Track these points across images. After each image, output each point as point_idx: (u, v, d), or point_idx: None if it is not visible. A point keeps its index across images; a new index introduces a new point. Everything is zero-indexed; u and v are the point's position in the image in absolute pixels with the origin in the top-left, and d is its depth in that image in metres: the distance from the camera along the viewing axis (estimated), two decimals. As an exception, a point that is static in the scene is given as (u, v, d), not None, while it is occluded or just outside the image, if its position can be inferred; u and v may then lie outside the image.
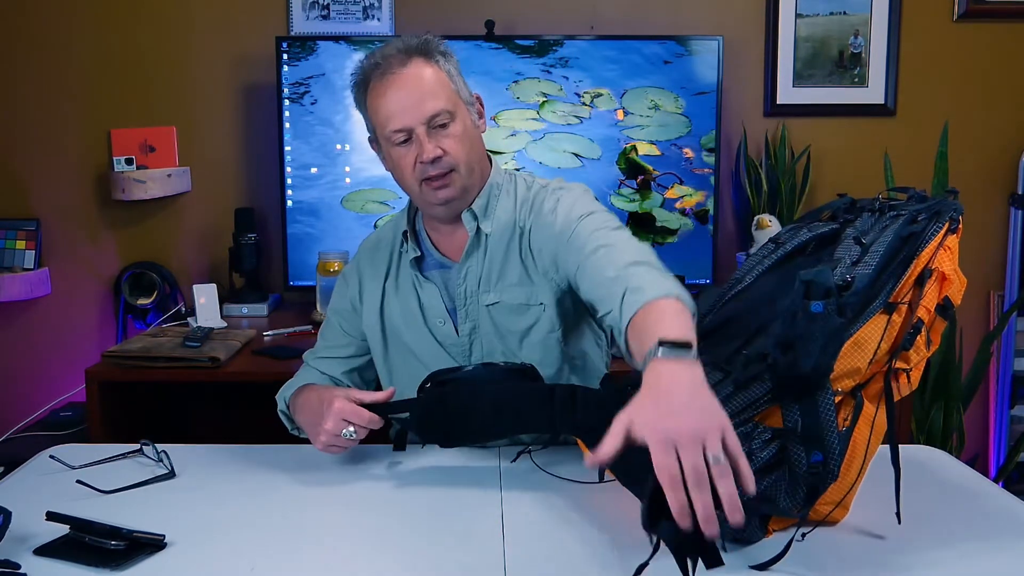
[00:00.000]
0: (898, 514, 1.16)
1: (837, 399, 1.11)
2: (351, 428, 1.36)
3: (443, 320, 1.54)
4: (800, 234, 1.31)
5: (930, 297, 1.15)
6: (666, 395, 0.97)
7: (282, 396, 1.64)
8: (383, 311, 1.59)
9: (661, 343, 1.02)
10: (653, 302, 1.20)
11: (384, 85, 1.45)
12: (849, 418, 1.13)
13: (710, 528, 0.89)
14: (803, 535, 1.11)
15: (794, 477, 1.09)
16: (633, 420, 0.95)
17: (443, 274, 1.56)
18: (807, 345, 1.07)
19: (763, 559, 1.08)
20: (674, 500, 0.89)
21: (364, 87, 1.49)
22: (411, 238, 1.56)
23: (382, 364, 1.62)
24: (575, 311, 1.53)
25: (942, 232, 1.17)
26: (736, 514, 0.89)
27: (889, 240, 1.16)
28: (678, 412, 0.94)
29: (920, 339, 1.15)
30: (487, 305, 1.52)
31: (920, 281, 1.16)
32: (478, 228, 1.52)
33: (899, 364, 1.15)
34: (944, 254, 1.17)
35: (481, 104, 1.55)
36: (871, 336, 1.12)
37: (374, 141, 1.55)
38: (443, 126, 1.45)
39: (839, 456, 1.08)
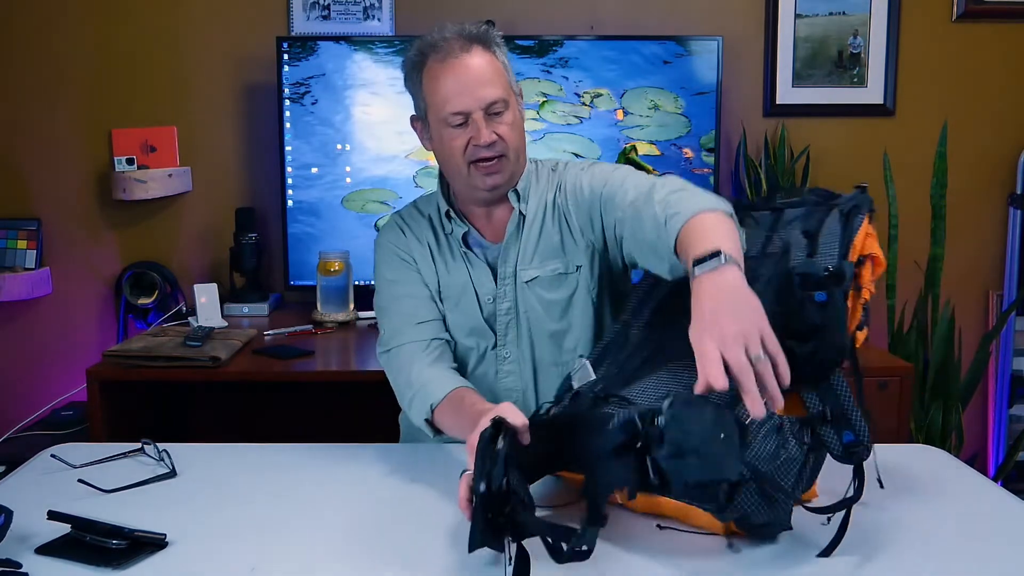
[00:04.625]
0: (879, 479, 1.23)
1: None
2: None
3: (492, 298, 1.58)
4: None
5: (868, 278, 1.23)
6: (709, 307, 1.07)
7: (423, 404, 1.46)
8: (439, 282, 1.61)
9: (694, 263, 1.13)
10: (688, 221, 1.27)
11: (445, 68, 1.49)
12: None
13: (757, 409, 1.00)
14: (828, 519, 1.15)
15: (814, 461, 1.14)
16: (694, 342, 1.06)
17: (482, 253, 1.61)
18: (825, 332, 1.12)
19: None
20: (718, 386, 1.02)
21: (420, 66, 1.53)
22: (454, 217, 1.60)
23: None
24: (610, 276, 1.60)
25: (866, 221, 1.26)
26: (778, 402, 1.03)
27: (839, 231, 1.23)
28: (720, 319, 1.05)
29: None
30: (526, 282, 1.58)
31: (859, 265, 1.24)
32: (520, 210, 1.59)
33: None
34: (872, 240, 1.25)
35: (521, 97, 1.62)
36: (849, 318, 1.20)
37: (419, 120, 1.59)
38: (498, 114, 1.50)
39: (867, 431, 1.12)
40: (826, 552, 1.13)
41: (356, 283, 2.64)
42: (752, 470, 1.10)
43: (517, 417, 1.15)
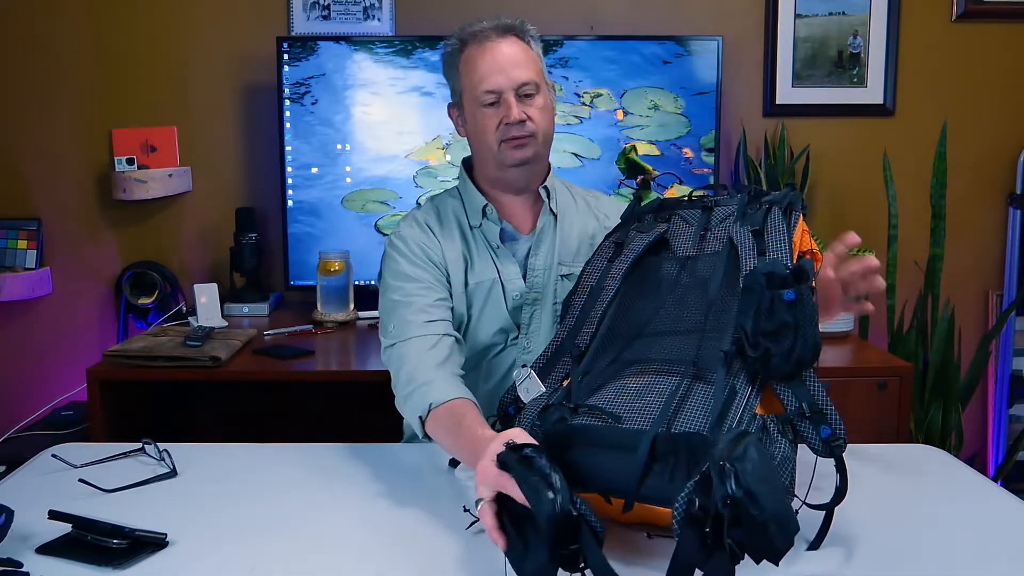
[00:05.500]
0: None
1: None
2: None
3: (519, 294, 1.62)
4: (638, 237, 1.41)
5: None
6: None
7: (423, 400, 1.41)
8: (467, 281, 1.62)
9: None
10: None
11: (481, 51, 1.58)
12: None
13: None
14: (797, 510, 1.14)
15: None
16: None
17: (512, 246, 1.65)
18: (799, 330, 1.12)
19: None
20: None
21: (458, 53, 1.61)
22: (492, 212, 1.63)
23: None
24: None
25: (801, 218, 1.30)
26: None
27: (785, 228, 1.27)
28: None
29: None
30: (562, 276, 1.63)
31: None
32: (550, 207, 1.65)
33: None
34: (807, 236, 1.31)
35: (554, 91, 1.68)
36: None
37: (456, 106, 1.65)
38: (529, 96, 1.57)
39: (842, 424, 1.14)
40: (815, 545, 1.13)
41: (356, 283, 2.64)
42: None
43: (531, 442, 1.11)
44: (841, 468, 1.14)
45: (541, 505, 0.98)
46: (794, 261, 1.23)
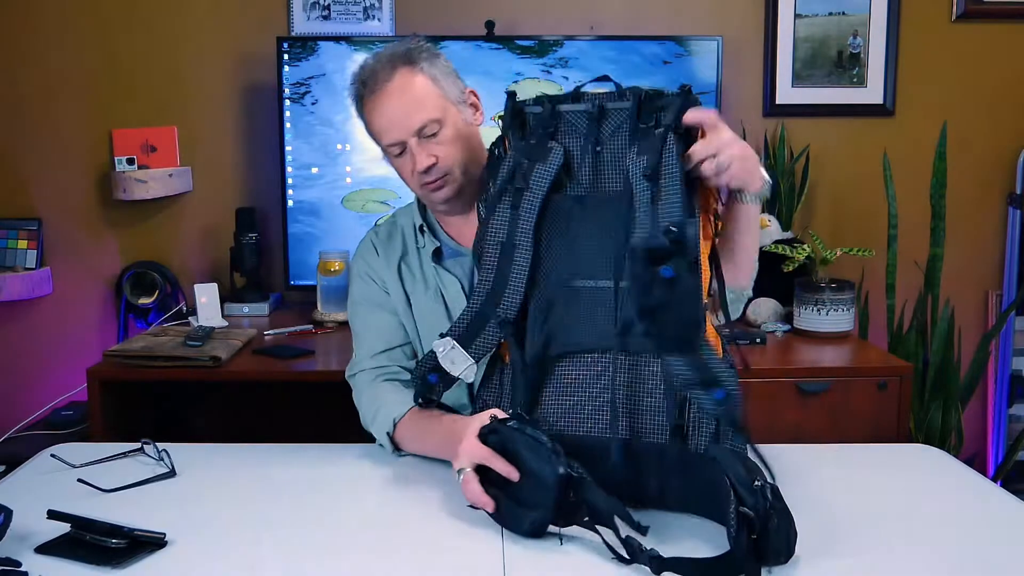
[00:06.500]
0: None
1: None
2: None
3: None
4: (538, 170, 1.31)
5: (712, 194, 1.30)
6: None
7: (387, 418, 1.47)
8: (410, 302, 1.60)
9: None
10: None
11: (374, 100, 1.50)
12: None
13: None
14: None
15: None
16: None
17: (460, 262, 1.60)
18: (677, 309, 1.13)
19: None
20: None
21: (361, 100, 1.53)
22: (427, 232, 1.60)
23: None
24: None
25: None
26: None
27: (679, 170, 1.20)
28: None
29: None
30: None
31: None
32: None
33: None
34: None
35: (476, 96, 1.58)
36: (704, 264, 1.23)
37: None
38: (433, 135, 1.49)
39: (736, 384, 1.14)
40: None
41: (356, 283, 2.64)
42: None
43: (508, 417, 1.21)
44: (736, 425, 1.15)
45: (550, 467, 1.11)
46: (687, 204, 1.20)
